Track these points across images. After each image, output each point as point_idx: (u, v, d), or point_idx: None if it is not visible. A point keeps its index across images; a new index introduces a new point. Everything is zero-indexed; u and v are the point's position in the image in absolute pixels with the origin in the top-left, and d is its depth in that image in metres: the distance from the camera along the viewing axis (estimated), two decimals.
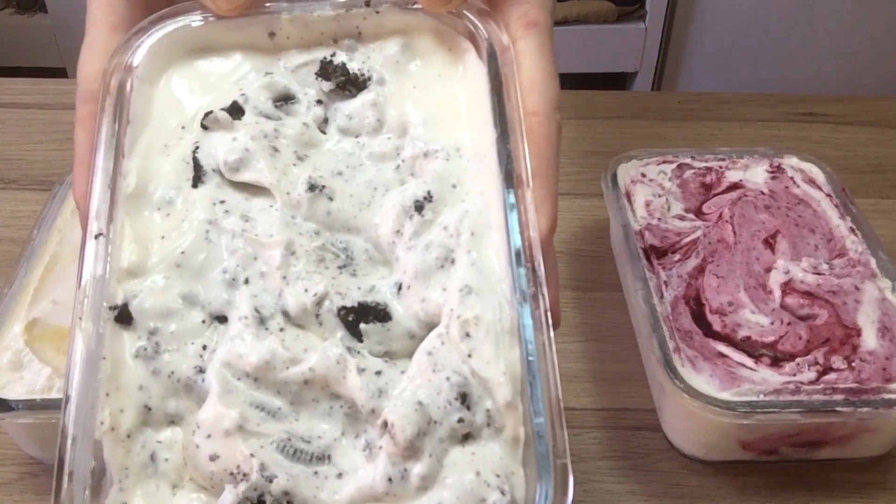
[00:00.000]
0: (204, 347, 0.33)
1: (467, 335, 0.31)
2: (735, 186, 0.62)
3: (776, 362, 0.50)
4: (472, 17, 0.37)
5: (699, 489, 0.51)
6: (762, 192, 0.61)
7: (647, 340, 0.51)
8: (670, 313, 0.52)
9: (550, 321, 0.31)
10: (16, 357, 0.48)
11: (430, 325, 0.33)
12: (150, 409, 0.32)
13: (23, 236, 0.59)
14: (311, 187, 0.35)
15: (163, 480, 0.31)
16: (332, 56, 0.39)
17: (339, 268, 0.34)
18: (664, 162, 0.64)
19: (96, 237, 0.33)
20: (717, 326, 0.52)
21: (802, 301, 0.53)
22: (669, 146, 0.69)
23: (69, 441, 0.30)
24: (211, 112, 0.37)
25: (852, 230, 0.58)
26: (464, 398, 0.30)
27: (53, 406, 0.46)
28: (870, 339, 0.51)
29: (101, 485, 0.30)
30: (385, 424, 0.30)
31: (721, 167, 0.64)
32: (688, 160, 0.65)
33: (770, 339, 0.51)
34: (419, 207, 0.35)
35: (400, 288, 0.34)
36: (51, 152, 0.77)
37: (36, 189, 0.72)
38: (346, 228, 0.35)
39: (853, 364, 0.49)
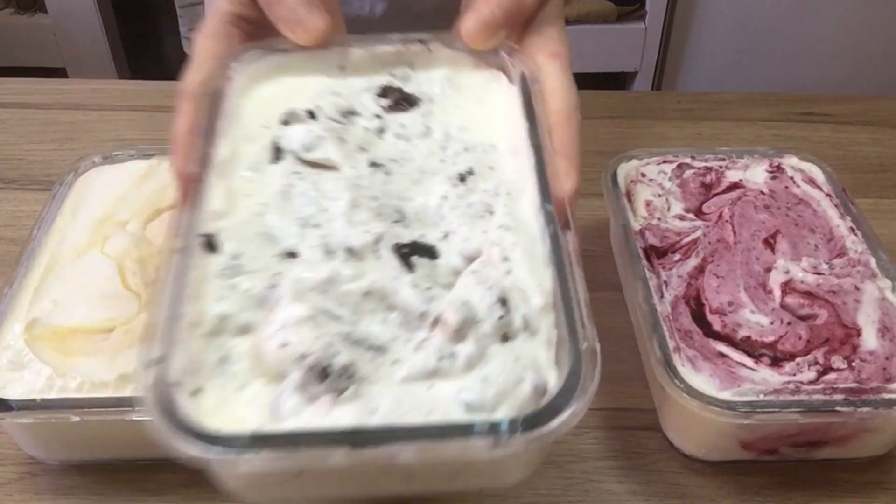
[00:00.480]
0: (277, 274, 0.37)
1: (506, 259, 0.37)
2: (735, 186, 0.62)
3: (776, 362, 0.50)
4: (505, 54, 0.45)
5: (699, 489, 0.51)
6: (762, 192, 0.61)
7: (647, 340, 0.51)
8: (670, 313, 0.52)
9: (575, 259, 0.37)
10: (16, 357, 0.48)
11: (473, 261, 0.38)
12: (226, 317, 0.35)
13: (23, 236, 0.59)
14: (372, 164, 0.42)
15: (231, 380, 0.34)
16: (389, 82, 0.47)
17: (394, 222, 0.40)
18: (664, 162, 0.64)
19: (193, 184, 0.39)
20: (717, 326, 0.52)
21: (802, 301, 0.53)
22: (669, 146, 0.69)
23: (158, 327, 0.33)
24: (291, 110, 0.44)
25: (852, 230, 0.58)
26: (504, 302, 0.35)
27: (53, 406, 0.46)
28: (870, 339, 0.51)
29: (180, 374, 0.33)
30: (436, 321, 0.35)
31: (721, 167, 0.64)
32: (688, 160, 0.65)
33: (770, 338, 0.51)
34: (462, 178, 0.42)
35: (446, 235, 0.39)
36: (51, 152, 0.77)
37: (36, 189, 0.73)
38: (400, 198, 0.41)
39: (853, 364, 0.49)
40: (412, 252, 0.38)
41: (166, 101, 0.84)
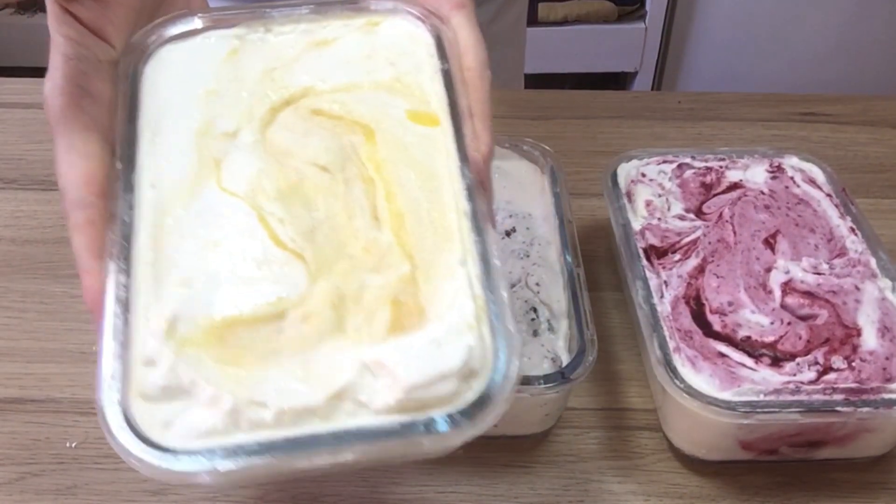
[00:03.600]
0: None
1: (537, 284, 0.55)
2: (735, 186, 0.62)
3: (776, 362, 0.50)
4: (543, 152, 0.65)
5: (699, 489, 0.51)
6: (762, 192, 0.61)
7: (647, 340, 0.51)
8: (670, 313, 0.52)
9: (583, 284, 0.53)
10: (171, 377, 0.31)
11: (514, 286, 0.55)
12: None
13: (23, 236, 0.59)
14: None
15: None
16: None
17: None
18: (664, 162, 0.64)
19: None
20: (717, 326, 0.52)
21: (802, 301, 0.53)
22: (669, 146, 0.69)
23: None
24: None
25: (852, 230, 0.58)
26: (534, 310, 0.53)
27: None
28: (870, 339, 0.51)
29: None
30: None
31: (721, 167, 0.64)
32: (688, 160, 0.65)
33: (770, 338, 0.51)
34: (508, 234, 0.60)
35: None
36: (50, 152, 0.77)
37: (36, 189, 0.73)
38: None
39: (853, 364, 0.49)
40: None
41: None
